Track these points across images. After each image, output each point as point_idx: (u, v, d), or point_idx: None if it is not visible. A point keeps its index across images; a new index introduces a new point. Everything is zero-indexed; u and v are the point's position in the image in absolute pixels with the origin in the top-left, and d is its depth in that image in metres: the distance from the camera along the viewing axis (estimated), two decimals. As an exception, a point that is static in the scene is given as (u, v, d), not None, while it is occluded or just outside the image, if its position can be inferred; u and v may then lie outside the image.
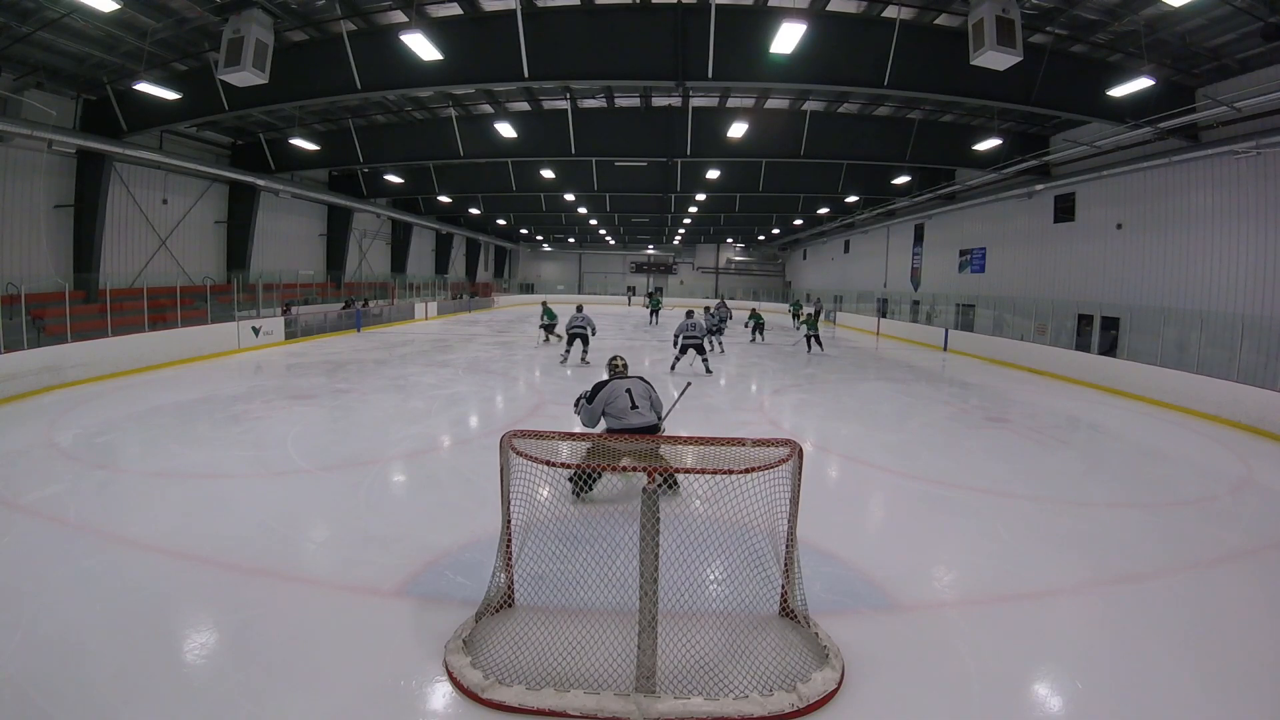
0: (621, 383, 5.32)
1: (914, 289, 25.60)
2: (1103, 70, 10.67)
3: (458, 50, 9.90)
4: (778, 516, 3.38)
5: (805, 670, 3.05)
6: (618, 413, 5.15)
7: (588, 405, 5.32)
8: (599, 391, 5.30)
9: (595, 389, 5.35)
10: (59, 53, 11.11)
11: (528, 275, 51.03)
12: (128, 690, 2.86)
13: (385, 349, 16.19)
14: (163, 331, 12.96)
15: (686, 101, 14.31)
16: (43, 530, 4.65)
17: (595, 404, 5.23)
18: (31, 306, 11.05)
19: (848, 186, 20.07)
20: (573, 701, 2.80)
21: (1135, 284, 14.14)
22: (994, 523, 5.28)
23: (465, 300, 34.06)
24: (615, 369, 5.59)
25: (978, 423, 9.26)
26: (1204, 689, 3.14)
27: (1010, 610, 3.90)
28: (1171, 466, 7.54)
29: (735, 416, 9.17)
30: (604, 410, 5.21)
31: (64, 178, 13.47)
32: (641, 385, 5.38)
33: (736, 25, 9.62)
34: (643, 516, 2.86)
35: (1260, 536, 5.30)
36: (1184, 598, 4.14)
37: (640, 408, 5.19)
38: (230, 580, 3.93)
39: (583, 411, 5.37)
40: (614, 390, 5.25)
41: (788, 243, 43.32)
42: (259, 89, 9.93)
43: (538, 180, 20.18)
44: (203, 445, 6.94)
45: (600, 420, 5.24)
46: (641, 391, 5.31)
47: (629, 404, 5.17)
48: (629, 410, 5.15)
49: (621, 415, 5.14)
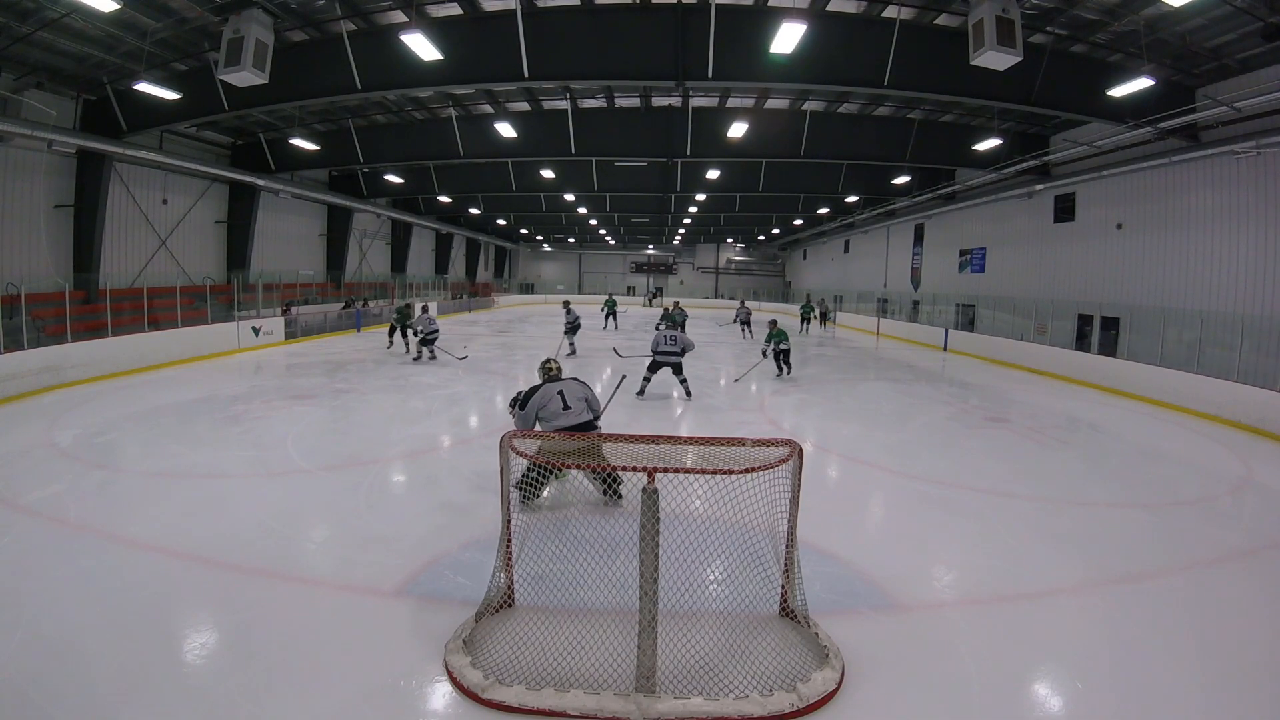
0: (554, 385, 5.27)
1: (914, 289, 25.60)
2: (1103, 70, 10.67)
3: (458, 50, 9.90)
4: (778, 516, 3.38)
5: (805, 670, 3.05)
6: (550, 415, 5.11)
7: (520, 412, 5.25)
8: (531, 397, 5.23)
9: (528, 394, 5.28)
10: (59, 53, 11.11)
11: (528, 275, 51.02)
12: (128, 690, 2.86)
13: (386, 349, 16.17)
14: (163, 331, 12.96)
15: (686, 101, 14.31)
16: (43, 530, 4.65)
17: (528, 410, 5.16)
18: (31, 306, 11.05)
19: (848, 186, 20.08)
20: (573, 701, 2.80)
21: (1135, 284, 14.14)
22: (994, 523, 5.28)
23: (465, 300, 34.06)
24: (549, 372, 5.49)
25: (978, 423, 9.26)
26: (1204, 689, 3.14)
27: (1010, 610, 3.90)
28: (1171, 466, 7.53)
29: (735, 416, 9.16)
30: (537, 415, 5.15)
31: (64, 178, 13.47)
32: (576, 385, 5.33)
33: (736, 25, 9.62)
34: (643, 516, 2.86)
35: (1260, 536, 5.30)
36: (1184, 598, 4.14)
37: (573, 408, 5.14)
38: (230, 580, 3.93)
39: (516, 418, 5.31)
40: (546, 394, 5.19)
41: (788, 243, 43.32)
42: (259, 89, 9.93)
43: (538, 180, 20.18)
44: (203, 445, 6.94)
45: (535, 425, 5.17)
46: (575, 392, 5.26)
47: (561, 405, 5.12)
48: (561, 412, 5.10)
49: (553, 418, 5.09)
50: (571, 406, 5.13)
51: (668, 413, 9.33)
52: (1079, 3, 9.40)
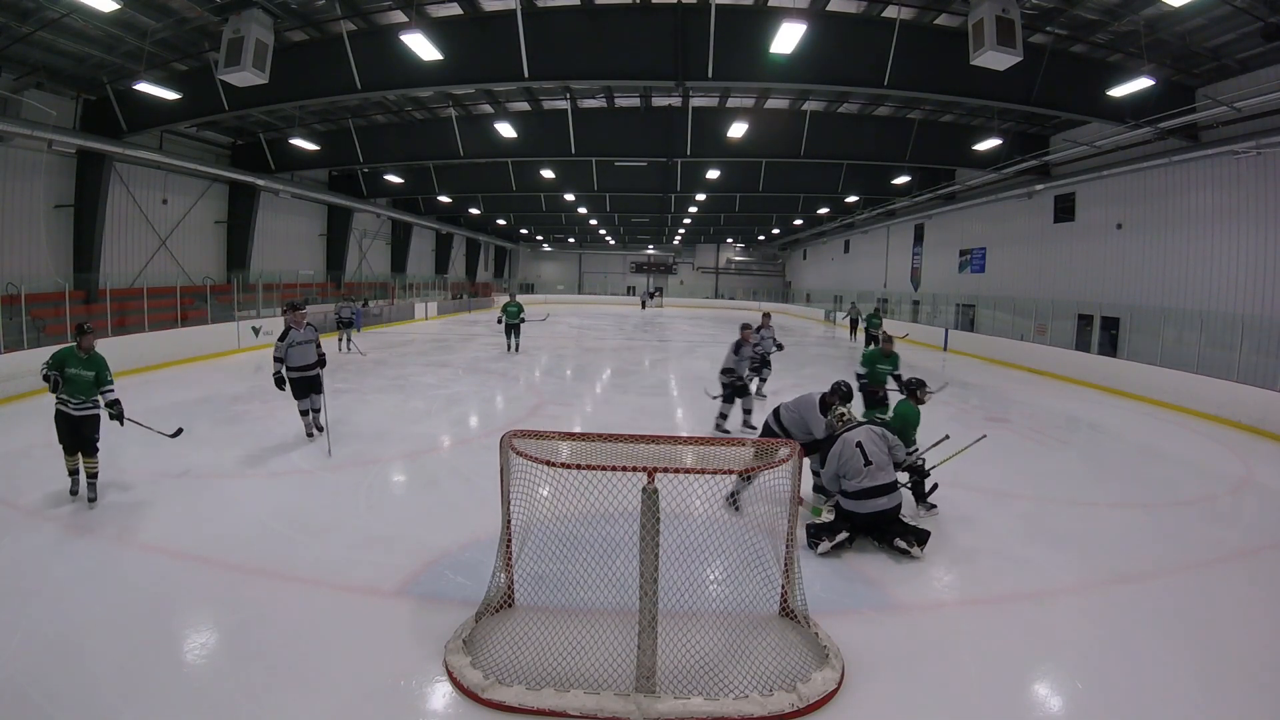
0: (852, 434, 4.74)
1: (914, 289, 25.61)
2: (1103, 70, 10.67)
3: (458, 50, 9.90)
4: (778, 516, 3.38)
5: (805, 670, 3.05)
6: (851, 474, 4.61)
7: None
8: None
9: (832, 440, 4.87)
10: (59, 53, 11.10)
11: (528, 275, 51.01)
12: (128, 690, 2.86)
13: (385, 348, 16.18)
14: (163, 331, 12.96)
15: (686, 101, 14.31)
16: (43, 530, 4.65)
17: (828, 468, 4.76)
18: (31, 306, 11.05)
19: (848, 186, 20.07)
20: (573, 701, 2.80)
21: (1135, 284, 14.14)
22: (993, 523, 5.28)
23: (465, 300, 34.05)
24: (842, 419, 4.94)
25: (978, 422, 9.24)
26: (1204, 689, 3.14)
27: (1010, 610, 3.90)
28: (1171, 466, 7.53)
29: (735, 416, 9.14)
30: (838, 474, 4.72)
31: (64, 178, 13.46)
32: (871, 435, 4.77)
33: (736, 25, 9.61)
34: (643, 516, 2.86)
35: (1260, 536, 5.30)
36: (1184, 598, 4.14)
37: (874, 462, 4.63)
38: (230, 580, 3.93)
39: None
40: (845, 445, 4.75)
41: (788, 243, 43.32)
42: (259, 89, 9.92)
43: (538, 180, 20.18)
44: (203, 445, 6.94)
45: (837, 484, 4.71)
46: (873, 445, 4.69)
47: (862, 462, 4.59)
48: (863, 469, 4.58)
49: (854, 476, 4.61)
50: (873, 461, 4.57)
51: (668, 413, 9.33)
52: (1079, 3, 9.39)
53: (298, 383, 7.15)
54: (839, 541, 4.49)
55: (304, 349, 7.09)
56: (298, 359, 7.07)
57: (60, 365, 5.07)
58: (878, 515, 4.51)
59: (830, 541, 4.48)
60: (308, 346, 7.12)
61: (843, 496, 4.64)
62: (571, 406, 9.90)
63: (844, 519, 4.59)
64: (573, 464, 3.04)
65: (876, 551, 4.58)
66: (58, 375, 5.02)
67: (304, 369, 7.12)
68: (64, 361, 5.07)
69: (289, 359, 7.04)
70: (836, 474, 4.65)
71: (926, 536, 4.48)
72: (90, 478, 5.14)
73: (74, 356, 5.10)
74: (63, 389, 5.03)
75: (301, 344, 7.09)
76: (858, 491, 4.52)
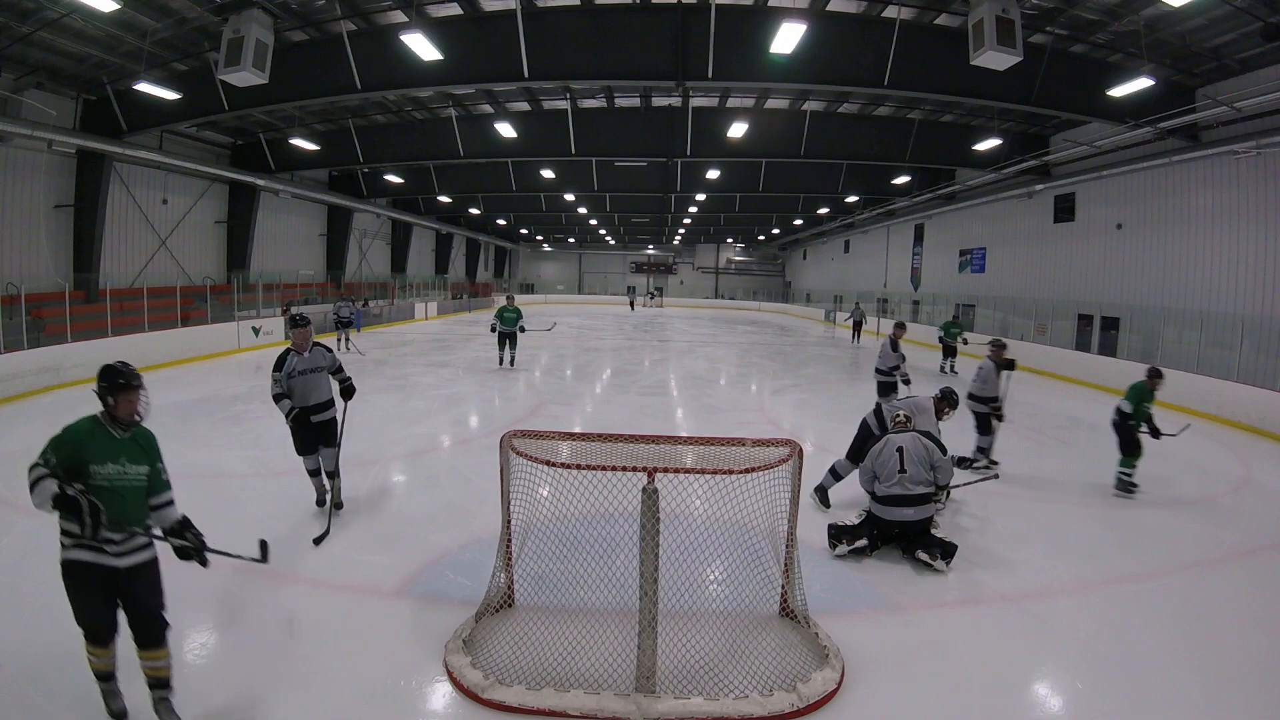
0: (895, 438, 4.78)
1: (914, 289, 25.61)
2: (1103, 70, 10.67)
3: (458, 50, 9.90)
4: (778, 516, 3.38)
5: (805, 670, 3.05)
6: (886, 475, 4.61)
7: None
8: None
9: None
10: (59, 53, 11.10)
11: (528, 275, 51.00)
12: (127, 690, 2.85)
13: (385, 348, 16.17)
14: (163, 331, 12.96)
15: (686, 101, 14.31)
16: (43, 530, 4.62)
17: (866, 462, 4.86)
18: (31, 306, 11.05)
19: (848, 186, 20.07)
20: (573, 701, 2.80)
21: (1135, 284, 14.14)
22: (993, 522, 5.28)
23: (465, 300, 34.04)
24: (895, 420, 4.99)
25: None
26: (1204, 689, 3.14)
27: (1010, 610, 3.90)
28: (1171, 466, 7.53)
29: (735, 416, 9.15)
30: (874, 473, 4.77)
31: (64, 178, 13.47)
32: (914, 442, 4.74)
33: (736, 25, 9.61)
34: (643, 516, 2.86)
35: (1260, 536, 5.30)
36: (1183, 598, 4.14)
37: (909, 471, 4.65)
38: (230, 580, 3.92)
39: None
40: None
41: (788, 243, 43.30)
42: (259, 89, 9.91)
43: (538, 180, 20.18)
44: (203, 445, 6.94)
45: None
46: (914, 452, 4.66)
47: (898, 466, 4.63)
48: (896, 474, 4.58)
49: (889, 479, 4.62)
50: (908, 471, 4.50)
51: (668, 413, 9.33)
52: (1079, 3, 9.39)
53: (301, 430, 4.98)
54: (857, 547, 4.47)
55: (310, 380, 4.97)
56: (302, 394, 4.94)
57: (78, 459, 2.51)
58: (902, 525, 4.47)
59: (849, 545, 4.47)
60: (315, 377, 5.00)
61: (872, 500, 4.63)
62: (571, 406, 9.90)
63: (869, 525, 4.56)
64: (573, 464, 3.04)
65: (898, 560, 4.45)
66: (79, 494, 2.43)
67: (311, 410, 4.97)
68: (82, 449, 2.52)
69: (291, 394, 4.94)
70: (873, 472, 4.64)
71: (954, 550, 4.36)
72: (159, 687, 2.61)
73: (103, 436, 2.59)
74: (89, 516, 2.41)
75: (306, 374, 4.96)
76: (886, 496, 4.49)
